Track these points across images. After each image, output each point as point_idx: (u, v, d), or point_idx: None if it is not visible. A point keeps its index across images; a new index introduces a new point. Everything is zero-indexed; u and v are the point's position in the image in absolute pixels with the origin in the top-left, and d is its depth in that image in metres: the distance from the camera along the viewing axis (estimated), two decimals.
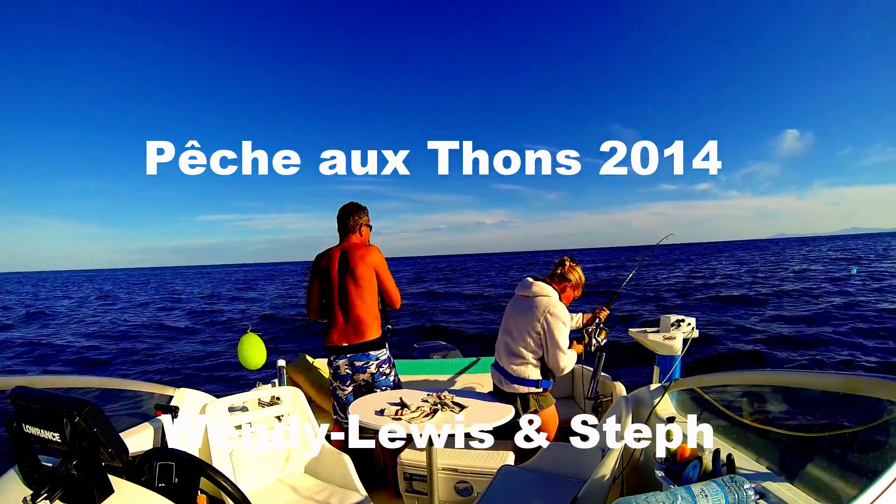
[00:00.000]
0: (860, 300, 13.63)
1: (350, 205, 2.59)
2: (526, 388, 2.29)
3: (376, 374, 2.46)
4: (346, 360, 2.45)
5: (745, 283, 20.06)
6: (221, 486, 1.31)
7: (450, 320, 13.80)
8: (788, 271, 25.17)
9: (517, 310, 2.37)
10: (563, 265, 2.44)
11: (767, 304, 13.94)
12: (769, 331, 10.22)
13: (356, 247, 2.49)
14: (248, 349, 2.64)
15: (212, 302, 25.04)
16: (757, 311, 12.93)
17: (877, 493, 0.92)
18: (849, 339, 9.29)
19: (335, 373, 2.51)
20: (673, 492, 1.01)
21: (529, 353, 2.28)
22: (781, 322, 11.20)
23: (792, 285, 18.05)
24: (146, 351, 11.24)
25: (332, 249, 2.54)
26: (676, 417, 2.06)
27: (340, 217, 2.57)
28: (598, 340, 2.62)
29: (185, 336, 13.34)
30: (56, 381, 2.06)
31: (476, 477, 2.19)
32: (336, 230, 2.59)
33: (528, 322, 2.27)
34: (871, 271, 22.02)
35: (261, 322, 15.64)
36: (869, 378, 1.32)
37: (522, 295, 2.37)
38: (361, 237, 2.58)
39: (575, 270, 2.44)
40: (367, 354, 2.44)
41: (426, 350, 3.87)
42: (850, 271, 20.74)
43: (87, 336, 13.79)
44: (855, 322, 10.71)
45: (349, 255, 2.46)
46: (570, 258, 2.50)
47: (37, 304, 26.80)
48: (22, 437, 1.08)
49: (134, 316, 19.09)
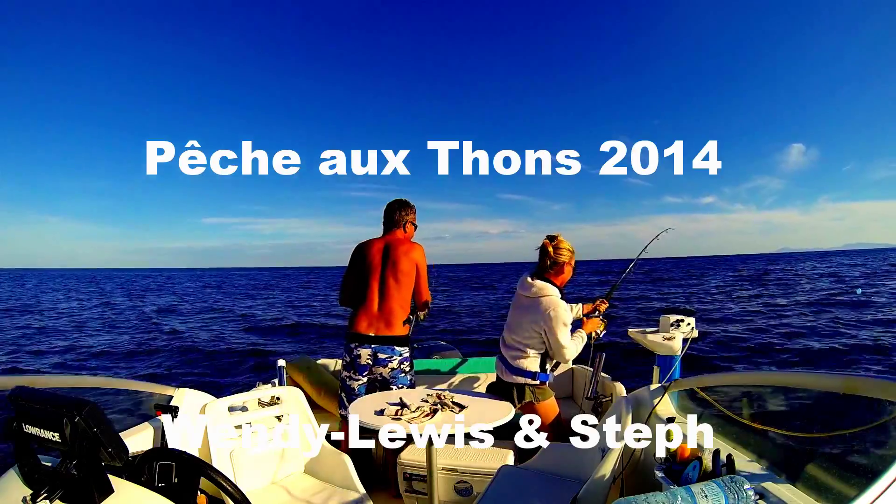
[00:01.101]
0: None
1: (398, 201, 2.61)
2: (523, 379, 2.33)
3: (397, 369, 2.47)
4: (369, 351, 2.45)
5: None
6: (221, 486, 1.31)
7: (450, 320, 13.81)
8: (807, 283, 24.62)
9: (520, 307, 2.39)
10: (548, 253, 2.36)
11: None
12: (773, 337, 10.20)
13: (400, 241, 2.52)
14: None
15: (213, 302, 25.04)
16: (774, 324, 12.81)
17: (877, 493, 0.92)
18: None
19: (353, 362, 2.48)
20: (673, 492, 1.01)
21: (529, 348, 2.32)
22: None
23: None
24: (146, 351, 11.24)
25: (376, 240, 2.56)
26: (676, 417, 2.06)
27: (388, 211, 2.59)
28: (598, 333, 2.63)
29: (184, 336, 13.33)
30: (56, 380, 2.06)
31: (476, 477, 2.19)
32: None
33: (530, 320, 2.30)
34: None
35: (260, 322, 15.65)
36: (868, 378, 1.32)
37: (524, 295, 2.38)
38: (406, 234, 2.60)
39: (561, 249, 2.36)
40: (392, 349, 2.45)
41: (426, 350, 3.87)
42: (855, 292, 20.44)
43: (86, 335, 13.79)
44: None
45: (393, 248, 2.48)
46: (549, 237, 2.40)
47: (36, 300, 26.79)
48: (22, 437, 1.08)
49: (134, 315, 19.09)
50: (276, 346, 11.11)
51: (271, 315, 17.49)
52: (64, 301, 27.34)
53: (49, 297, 30.08)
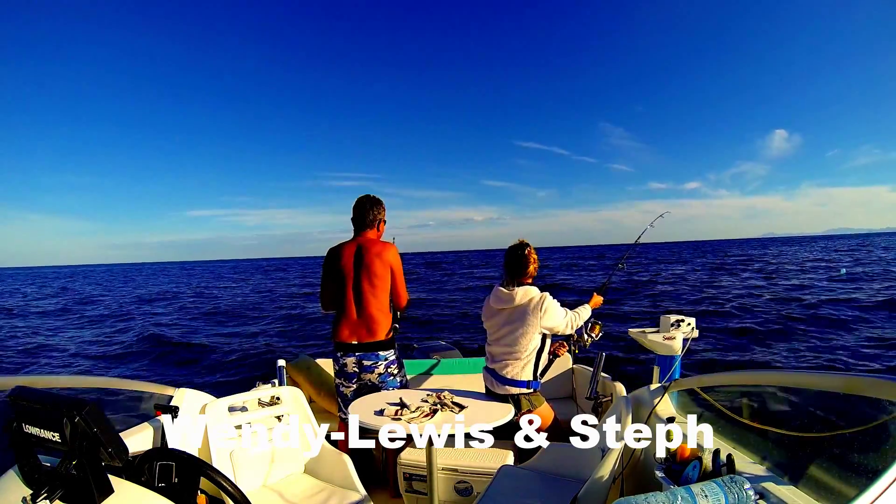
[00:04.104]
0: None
1: (368, 197, 2.48)
2: (517, 390, 2.31)
3: (384, 374, 2.45)
4: (354, 359, 2.43)
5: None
6: (221, 486, 1.31)
7: (450, 321, 13.80)
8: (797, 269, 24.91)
9: (504, 317, 2.34)
10: (530, 260, 2.33)
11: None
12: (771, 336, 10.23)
13: (373, 243, 2.43)
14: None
15: (207, 297, 24.98)
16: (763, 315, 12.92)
17: (877, 493, 0.92)
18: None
19: (341, 370, 2.48)
20: (673, 492, 1.01)
21: (522, 356, 2.29)
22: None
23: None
24: (146, 351, 11.24)
25: (348, 243, 2.47)
26: (676, 417, 2.06)
27: (358, 209, 2.47)
28: (592, 336, 2.60)
29: (184, 336, 13.33)
30: (56, 380, 2.06)
31: (476, 477, 2.19)
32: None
33: (522, 327, 2.27)
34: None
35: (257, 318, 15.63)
36: (869, 378, 1.32)
37: (507, 307, 2.32)
38: (378, 233, 2.52)
39: (529, 258, 2.33)
40: (376, 354, 2.42)
41: (426, 350, 3.87)
42: (839, 272, 20.78)
43: (86, 335, 13.79)
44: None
45: (366, 251, 2.40)
46: (524, 245, 2.35)
47: (26, 301, 26.73)
48: (22, 437, 1.08)
49: (129, 313, 19.05)
50: (276, 346, 11.11)
51: (271, 315, 17.47)
52: (50, 299, 27.19)
53: (33, 297, 29.94)
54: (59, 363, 10.25)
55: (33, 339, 12.90)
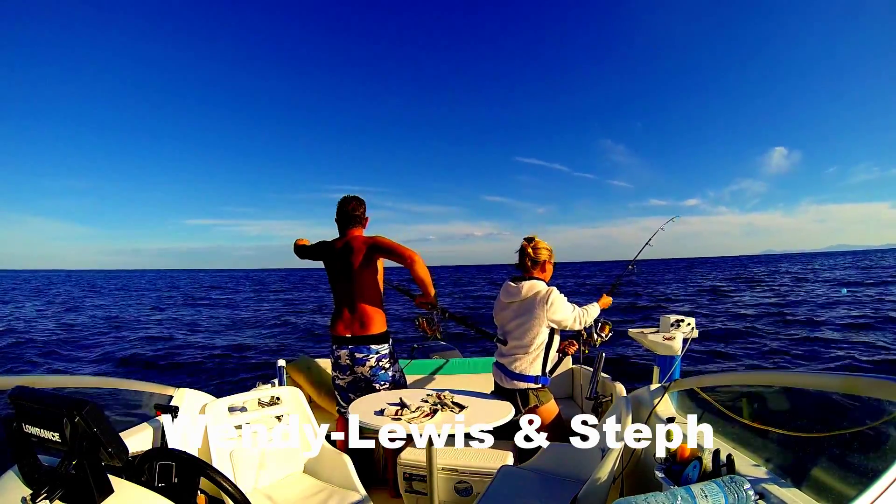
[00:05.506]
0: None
1: (351, 197, 2.60)
2: (525, 384, 2.32)
3: (375, 367, 2.46)
4: (347, 351, 2.47)
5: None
6: (221, 486, 1.31)
7: None
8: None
9: (512, 311, 2.37)
10: (527, 253, 2.38)
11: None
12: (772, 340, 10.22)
13: (356, 239, 2.51)
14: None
15: (209, 301, 24.99)
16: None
17: (877, 493, 0.92)
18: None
19: (336, 362, 2.54)
20: (673, 492, 1.01)
21: (531, 350, 2.31)
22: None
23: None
24: (146, 350, 11.23)
25: (334, 242, 2.57)
26: (676, 417, 2.06)
27: (342, 208, 2.56)
28: (602, 335, 2.60)
29: (183, 335, 13.33)
30: (56, 381, 2.06)
31: (476, 477, 2.19)
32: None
33: (530, 321, 2.29)
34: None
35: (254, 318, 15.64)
36: (868, 378, 1.32)
37: (514, 300, 2.35)
38: (363, 229, 2.61)
39: (540, 248, 2.39)
40: (368, 348, 2.45)
41: (426, 350, 3.87)
42: (840, 291, 20.75)
43: (86, 335, 13.79)
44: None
45: (351, 247, 2.48)
46: (526, 239, 2.42)
47: (29, 301, 26.72)
48: (22, 437, 1.08)
49: (127, 316, 19.05)
50: (276, 346, 11.11)
51: (271, 315, 17.48)
52: (52, 303, 27.17)
53: (33, 300, 29.91)
54: (59, 364, 10.24)
55: (34, 339, 12.89)
